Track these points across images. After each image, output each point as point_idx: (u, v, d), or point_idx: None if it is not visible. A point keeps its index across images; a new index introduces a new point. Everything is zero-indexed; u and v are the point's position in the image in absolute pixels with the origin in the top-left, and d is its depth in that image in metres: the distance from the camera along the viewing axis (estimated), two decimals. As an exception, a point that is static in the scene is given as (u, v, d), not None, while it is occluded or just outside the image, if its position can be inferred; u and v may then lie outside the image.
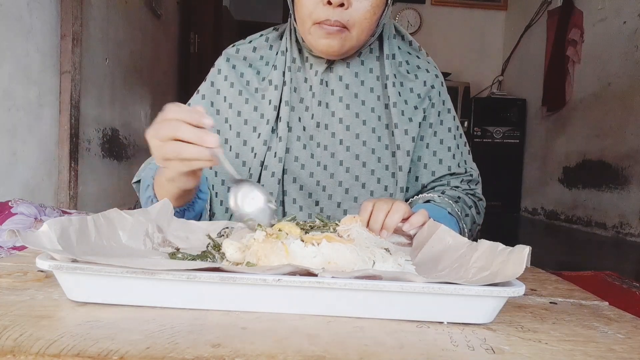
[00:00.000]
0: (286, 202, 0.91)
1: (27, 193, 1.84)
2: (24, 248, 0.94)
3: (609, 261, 2.68)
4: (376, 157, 0.92)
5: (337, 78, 0.93)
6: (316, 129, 0.92)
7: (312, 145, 0.92)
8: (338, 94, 0.92)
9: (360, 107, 0.93)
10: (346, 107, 0.92)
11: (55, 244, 0.46)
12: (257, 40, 0.99)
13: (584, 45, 3.66)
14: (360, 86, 0.93)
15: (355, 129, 0.92)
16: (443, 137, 0.97)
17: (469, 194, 0.97)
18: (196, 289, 0.44)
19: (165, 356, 0.35)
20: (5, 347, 0.35)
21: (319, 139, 0.92)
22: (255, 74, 0.95)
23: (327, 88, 0.93)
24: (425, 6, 4.98)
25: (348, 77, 0.93)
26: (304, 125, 0.92)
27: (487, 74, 4.88)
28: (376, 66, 0.95)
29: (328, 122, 0.92)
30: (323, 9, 0.81)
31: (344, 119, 0.92)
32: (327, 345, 0.39)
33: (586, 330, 0.46)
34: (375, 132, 0.92)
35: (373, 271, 0.44)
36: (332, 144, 0.92)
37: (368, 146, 0.92)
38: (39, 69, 1.91)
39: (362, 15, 0.83)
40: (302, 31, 0.87)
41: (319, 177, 0.91)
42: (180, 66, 3.94)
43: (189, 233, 0.68)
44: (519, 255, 0.46)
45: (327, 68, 0.92)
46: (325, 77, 0.93)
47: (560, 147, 3.93)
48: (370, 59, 0.95)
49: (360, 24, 0.84)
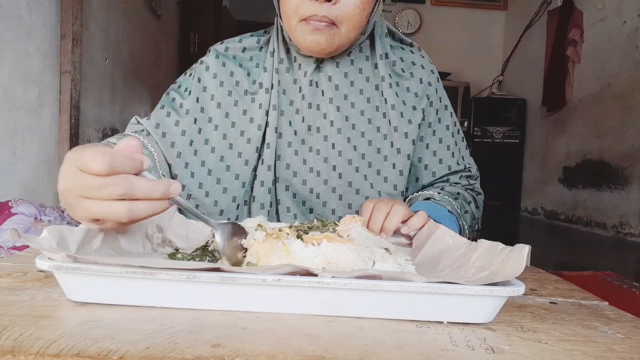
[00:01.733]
0: (280, 211, 0.89)
1: (27, 193, 1.84)
2: (24, 248, 0.94)
3: (609, 261, 2.68)
4: (367, 162, 0.90)
5: (326, 78, 0.90)
6: (307, 132, 0.89)
7: (304, 151, 0.89)
8: (328, 95, 0.89)
9: (350, 109, 0.90)
10: (337, 109, 0.89)
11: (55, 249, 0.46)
12: (247, 40, 0.95)
13: (584, 45, 3.66)
14: (350, 87, 0.91)
15: (346, 133, 0.89)
16: (442, 135, 0.96)
17: (468, 189, 0.96)
18: (196, 289, 0.44)
19: (165, 356, 0.35)
20: (5, 347, 0.35)
21: (311, 142, 0.89)
22: (246, 75, 0.91)
23: (317, 89, 0.90)
24: (425, 6, 4.99)
25: (337, 77, 0.90)
26: (295, 129, 0.89)
27: (487, 74, 4.89)
28: (366, 66, 0.92)
29: (320, 125, 0.89)
30: (309, 4, 0.78)
31: (335, 122, 0.89)
32: (327, 345, 0.39)
33: (586, 330, 0.46)
34: (364, 137, 0.90)
35: (373, 271, 0.44)
36: (324, 147, 0.89)
37: (359, 151, 0.89)
38: (39, 69, 1.91)
39: (351, 10, 0.80)
40: (288, 28, 0.84)
41: (312, 184, 0.88)
42: (180, 66, 3.94)
43: (189, 232, 0.68)
44: (518, 254, 0.46)
45: (316, 68, 0.89)
46: (314, 77, 0.90)
47: (560, 147, 3.93)
48: (360, 59, 0.92)
49: (349, 20, 0.80)
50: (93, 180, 0.46)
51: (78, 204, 0.48)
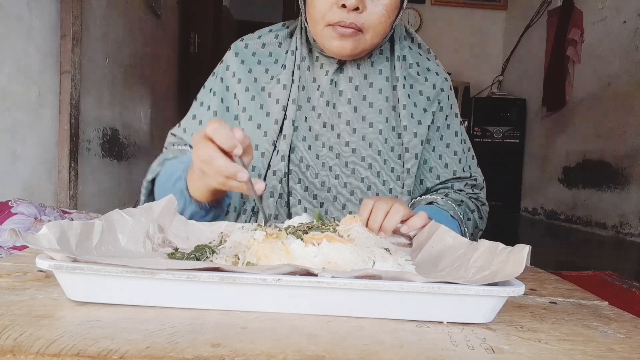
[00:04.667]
0: (291, 202, 0.90)
1: (27, 193, 1.84)
2: (24, 248, 0.94)
3: (609, 261, 2.68)
4: (382, 159, 0.91)
5: (347, 79, 0.92)
6: (322, 129, 0.92)
7: (317, 146, 0.91)
8: (346, 96, 0.92)
9: (368, 109, 0.92)
10: (354, 109, 0.92)
11: (55, 246, 0.46)
12: (266, 35, 0.98)
13: (584, 45, 3.66)
14: (369, 88, 0.93)
15: (362, 132, 0.91)
16: (449, 140, 0.96)
17: (472, 197, 0.96)
18: (196, 288, 0.44)
19: (165, 356, 0.35)
20: (5, 347, 0.35)
21: (324, 139, 0.92)
22: (264, 71, 0.94)
23: (335, 89, 0.92)
24: (425, 6, 4.98)
25: (357, 78, 0.93)
26: (309, 125, 0.92)
27: (487, 73, 4.89)
28: (386, 67, 0.95)
29: (334, 123, 0.92)
30: (337, 11, 0.80)
31: (350, 121, 0.91)
32: (326, 345, 0.39)
33: (586, 330, 0.46)
34: (382, 134, 0.92)
35: (373, 271, 0.44)
36: (337, 145, 0.91)
37: (374, 148, 0.91)
38: (39, 69, 1.91)
39: (377, 19, 0.83)
40: (314, 32, 0.87)
41: (324, 178, 0.90)
42: (180, 66, 3.94)
43: (189, 233, 0.68)
44: (518, 254, 0.46)
45: (338, 69, 0.92)
46: (335, 77, 0.92)
47: (560, 147, 3.93)
48: (380, 60, 0.95)
49: (374, 28, 0.83)
50: (198, 141, 0.63)
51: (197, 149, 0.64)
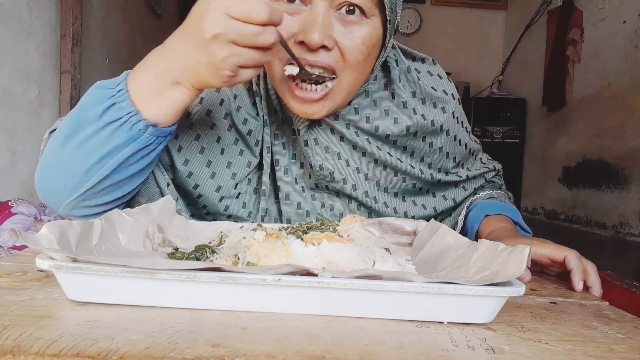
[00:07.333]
0: None
1: (27, 193, 1.84)
2: (24, 248, 0.94)
3: (609, 261, 2.68)
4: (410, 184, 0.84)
5: (343, 125, 0.77)
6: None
7: None
8: (339, 148, 0.78)
9: (369, 144, 0.79)
10: (363, 155, 0.79)
11: (55, 246, 0.46)
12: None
13: (584, 45, 3.65)
14: (383, 116, 0.80)
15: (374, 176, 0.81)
16: (461, 137, 0.90)
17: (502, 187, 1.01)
18: (196, 288, 0.44)
19: (165, 356, 0.35)
20: (5, 347, 0.35)
21: None
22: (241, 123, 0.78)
23: (317, 146, 0.77)
24: (425, 6, 4.98)
25: (358, 121, 0.78)
26: (309, 185, 0.81)
27: (487, 73, 4.88)
28: (384, 95, 0.80)
29: (345, 176, 0.80)
30: (297, 51, 0.65)
31: (360, 168, 0.80)
32: (327, 345, 0.38)
33: (586, 330, 0.46)
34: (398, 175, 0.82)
35: (373, 271, 0.44)
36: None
37: (400, 177, 0.83)
38: (39, 68, 1.91)
39: (353, 57, 0.66)
40: (272, 83, 0.72)
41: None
42: (180, 66, 3.93)
43: (189, 233, 0.68)
44: (519, 255, 0.46)
45: (312, 124, 0.76)
46: (311, 135, 0.76)
47: (560, 147, 3.93)
48: (377, 90, 0.80)
49: (351, 69, 0.68)
50: (252, 28, 0.52)
51: (229, 50, 0.54)
